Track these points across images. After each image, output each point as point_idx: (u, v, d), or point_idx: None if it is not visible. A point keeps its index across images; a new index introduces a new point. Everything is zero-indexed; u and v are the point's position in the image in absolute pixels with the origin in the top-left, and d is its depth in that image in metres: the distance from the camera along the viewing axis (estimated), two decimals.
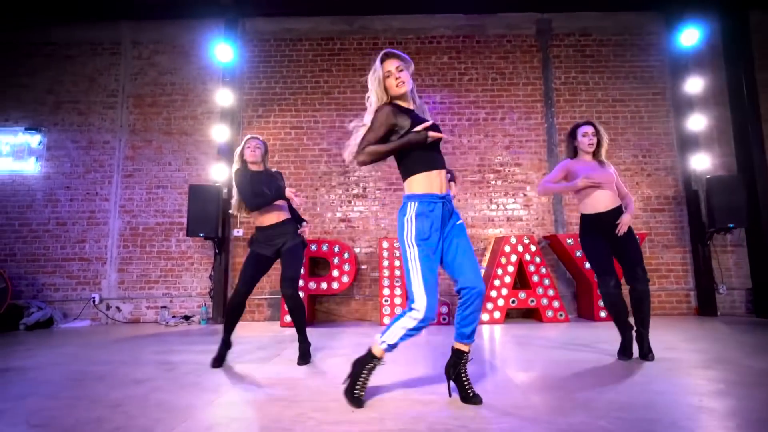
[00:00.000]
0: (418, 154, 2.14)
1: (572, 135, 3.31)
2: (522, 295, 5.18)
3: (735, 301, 5.66)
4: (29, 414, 2.05)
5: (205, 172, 5.91)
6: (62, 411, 2.09)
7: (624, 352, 3.06)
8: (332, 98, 6.09)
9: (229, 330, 3.18)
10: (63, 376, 2.84)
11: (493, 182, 5.92)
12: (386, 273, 5.22)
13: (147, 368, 3.04)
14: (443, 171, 2.17)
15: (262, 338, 4.32)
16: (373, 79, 2.26)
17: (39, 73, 6.12)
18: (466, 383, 2.12)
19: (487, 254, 5.73)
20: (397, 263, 5.23)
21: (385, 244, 5.30)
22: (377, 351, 2.12)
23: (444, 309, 5.16)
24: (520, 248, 5.25)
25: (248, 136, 3.37)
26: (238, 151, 3.32)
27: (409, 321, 2.04)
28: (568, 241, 5.24)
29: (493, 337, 4.28)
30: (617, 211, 3.11)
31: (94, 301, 5.66)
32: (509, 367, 2.94)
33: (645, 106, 6.01)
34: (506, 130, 6.01)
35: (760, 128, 5.54)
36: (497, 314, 5.14)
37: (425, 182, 2.12)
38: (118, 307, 5.70)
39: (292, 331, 4.61)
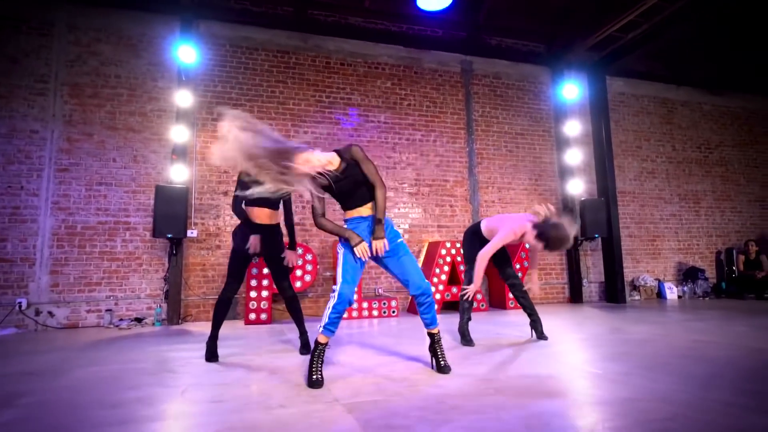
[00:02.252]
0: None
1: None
2: (454, 290, 6.29)
3: (593, 292, 7.61)
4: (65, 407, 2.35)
5: (155, 171, 5.79)
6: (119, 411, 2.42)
7: (464, 337, 3.78)
8: (287, 108, 6.47)
9: (218, 326, 3.40)
10: (78, 378, 2.97)
11: (427, 194, 6.96)
12: None
13: (159, 366, 3.29)
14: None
15: (249, 336, 4.63)
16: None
17: None
18: (440, 358, 2.80)
19: (422, 256, 6.73)
20: None
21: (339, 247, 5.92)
22: (320, 338, 2.62)
23: (393, 303, 6.00)
24: (453, 251, 6.36)
25: None
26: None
27: (331, 302, 2.59)
28: None
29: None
30: None
31: (20, 307, 5.14)
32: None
33: (537, 140, 7.68)
34: (437, 151, 7.10)
35: (613, 164, 7.58)
36: (435, 306, 6.16)
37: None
38: (50, 312, 5.26)
39: (259, 329, 5.02)
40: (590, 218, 6.98)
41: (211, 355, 3.30)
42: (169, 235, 5.19)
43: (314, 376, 2.52)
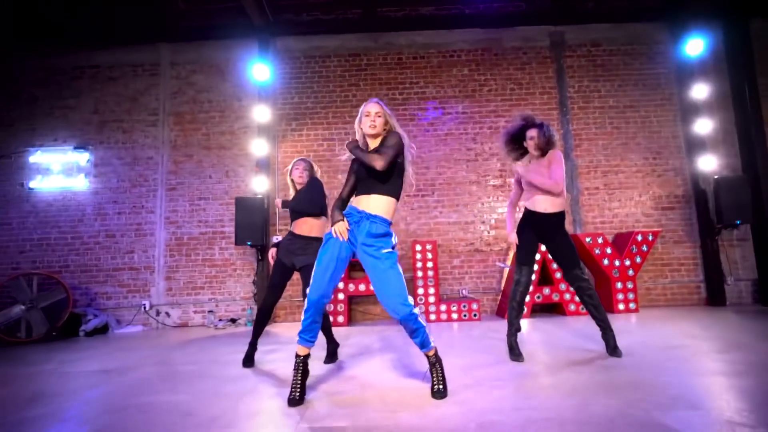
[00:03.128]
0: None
1: (521, 137, 3.39)
2: (546, 291, 5.59)
3: (742, 292, 6.07)
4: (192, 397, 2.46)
5: (244, 184, 6.31)
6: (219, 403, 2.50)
7: (512, 350, 3.26)
8: None
9: (257, 334, 3.48)
10: (132, 378, 3.24)
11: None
12: (420, 274, 5.62)
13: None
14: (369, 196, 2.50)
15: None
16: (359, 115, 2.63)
17: (84, 94, 6.50)
18: (434, 381, 2.47)
19: (511, 253, 6.12)
20: (429, 264, 5.64)
21: (418, 247, 5.71)
22: (298, 349, 2.49)
23: (474, 306, 5.57)
24: (543, 248, 5.65)
25: (296, 159, 3.66)
26: (289, 169, 3.60)
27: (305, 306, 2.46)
28: (587, 239, 5.64)
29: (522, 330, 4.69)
30: (553, 217, 3.25)
31: (144, 308, 6.05)
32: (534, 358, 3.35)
33: (654, 111, 6.42)
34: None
35: (763, 130, 5.95)
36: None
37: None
38: (167, 313, 6.10)
39: (335, 332, 5.03)
40: (728, 200, 5.58)
41: (247, 361, 3.42)
42: (249, 243, 5.59)
43: (291, 394, 2.40)
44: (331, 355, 3.46)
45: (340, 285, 5.59)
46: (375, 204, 2.48)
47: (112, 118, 6.49)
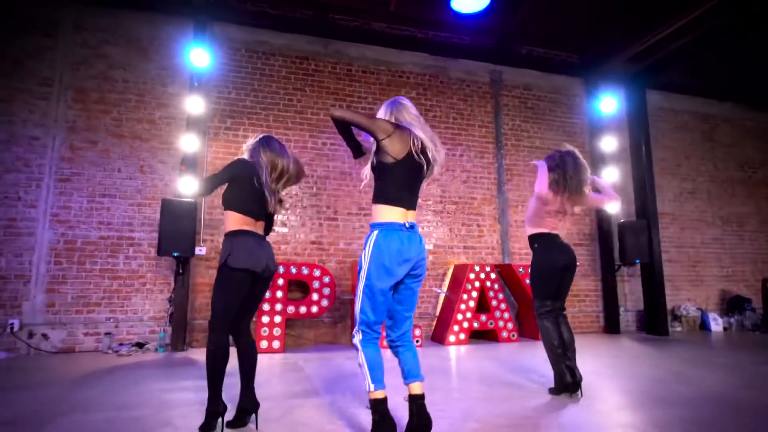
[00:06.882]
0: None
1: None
2: (483, 318, 5.76)
3: (629, 321, 7.01)
4: None
5: (163, 183, 5.37)
6: None
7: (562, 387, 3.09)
8: (305, 118, 6.04)
9: (218, 386, 2.37)
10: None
11: (453, 213, 6.45)
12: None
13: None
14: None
15: (260, 371, 4.13)
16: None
17: None
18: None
19: (447, 279, 6.20)
20: None
21: (359, 268, 5.42)
22: (377, 394, 2.09)
23: (417, 332, 5.47)
24: (482, 276, 5.83)
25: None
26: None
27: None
28: (520, 270, 5.97)
29: (460, 355, 4.72)
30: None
31: (11, 328, 4.70)
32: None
33: None
34: (464, 166, 6.61)
35: (654, 183, 7.02)
36: (462, 336, 5.63)
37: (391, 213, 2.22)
38: (44, 335, 4.81)
39: (271, 360, 4.51)
40: (630, 242, 6.42)
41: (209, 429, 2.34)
42: (176, 254, 4.73)
43: None
44: (241, 414, 2.48)
45: (278, 307, 5.04)
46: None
47: None
